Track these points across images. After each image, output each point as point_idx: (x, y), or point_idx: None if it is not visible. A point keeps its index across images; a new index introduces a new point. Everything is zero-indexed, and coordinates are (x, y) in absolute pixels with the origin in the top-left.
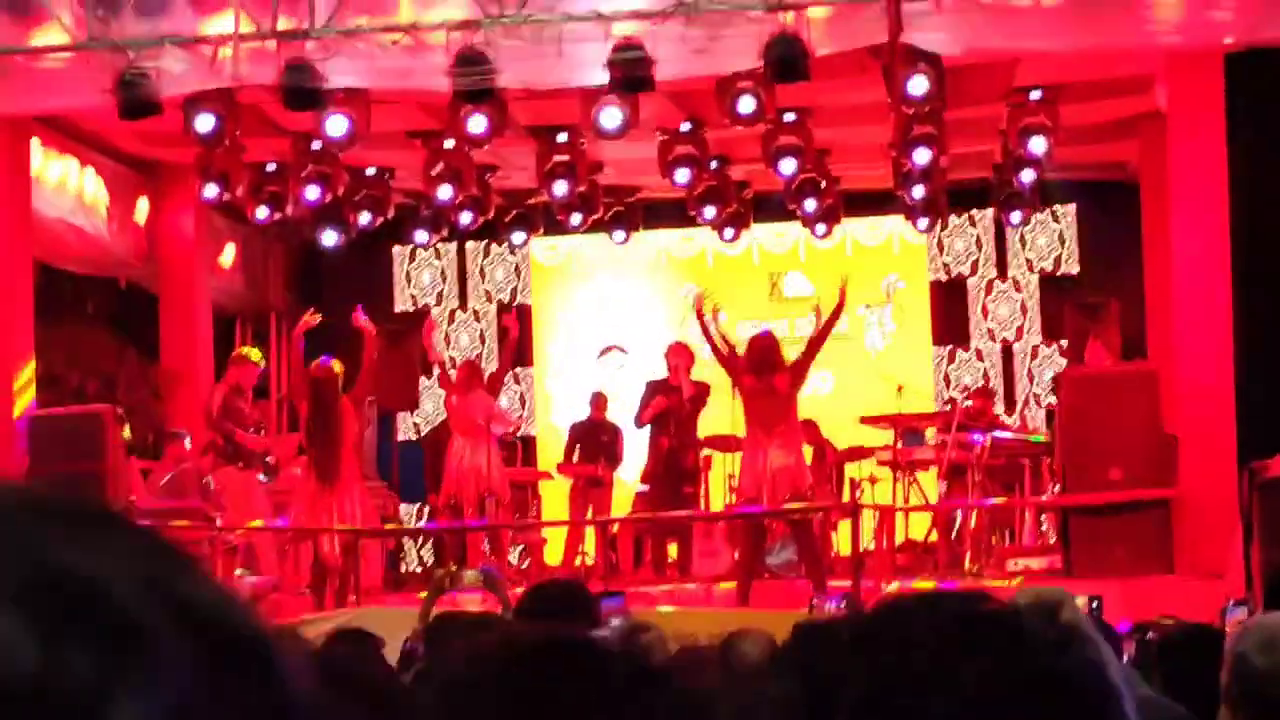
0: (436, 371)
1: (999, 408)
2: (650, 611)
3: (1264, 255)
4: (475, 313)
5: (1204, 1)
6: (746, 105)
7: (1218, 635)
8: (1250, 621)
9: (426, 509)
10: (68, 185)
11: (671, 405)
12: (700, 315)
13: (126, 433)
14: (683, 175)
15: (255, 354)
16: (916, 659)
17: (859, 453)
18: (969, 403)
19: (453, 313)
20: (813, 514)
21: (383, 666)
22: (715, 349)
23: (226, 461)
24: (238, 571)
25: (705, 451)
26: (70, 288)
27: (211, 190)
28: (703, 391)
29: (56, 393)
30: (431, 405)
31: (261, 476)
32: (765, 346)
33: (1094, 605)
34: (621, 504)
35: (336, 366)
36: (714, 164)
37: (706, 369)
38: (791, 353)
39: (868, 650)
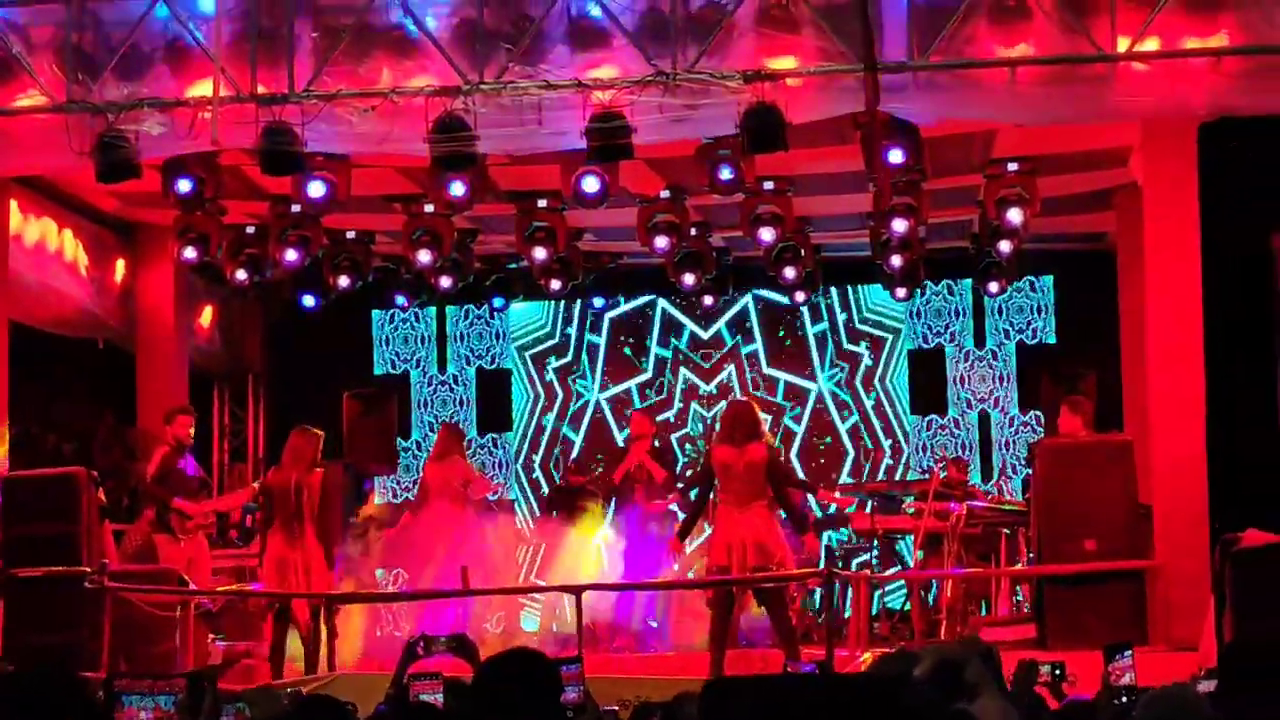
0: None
1: (975, 476)
2: (611, 679)
3: (1235, 327)
4: (454, 377)
5: (1176, 75)
6: (726, 173)
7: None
8: (1152, 694)
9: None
10: (46, 246)
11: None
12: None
13: (102, 495)
14: (662, 242)
15: (186, 408)
16: None
17: (837, 520)
18: (944, 472)
19: (431, 377)
20: (784, 583)
21: None
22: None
23: (160, 530)
24: (210, 636)
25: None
26: (47, 348)
27: (190, 252)
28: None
29: (32, 454)
30: (408, 469)
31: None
32: (742, 414)
33: (1055, 672)
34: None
35: (317, 431)
36: (694, 231)
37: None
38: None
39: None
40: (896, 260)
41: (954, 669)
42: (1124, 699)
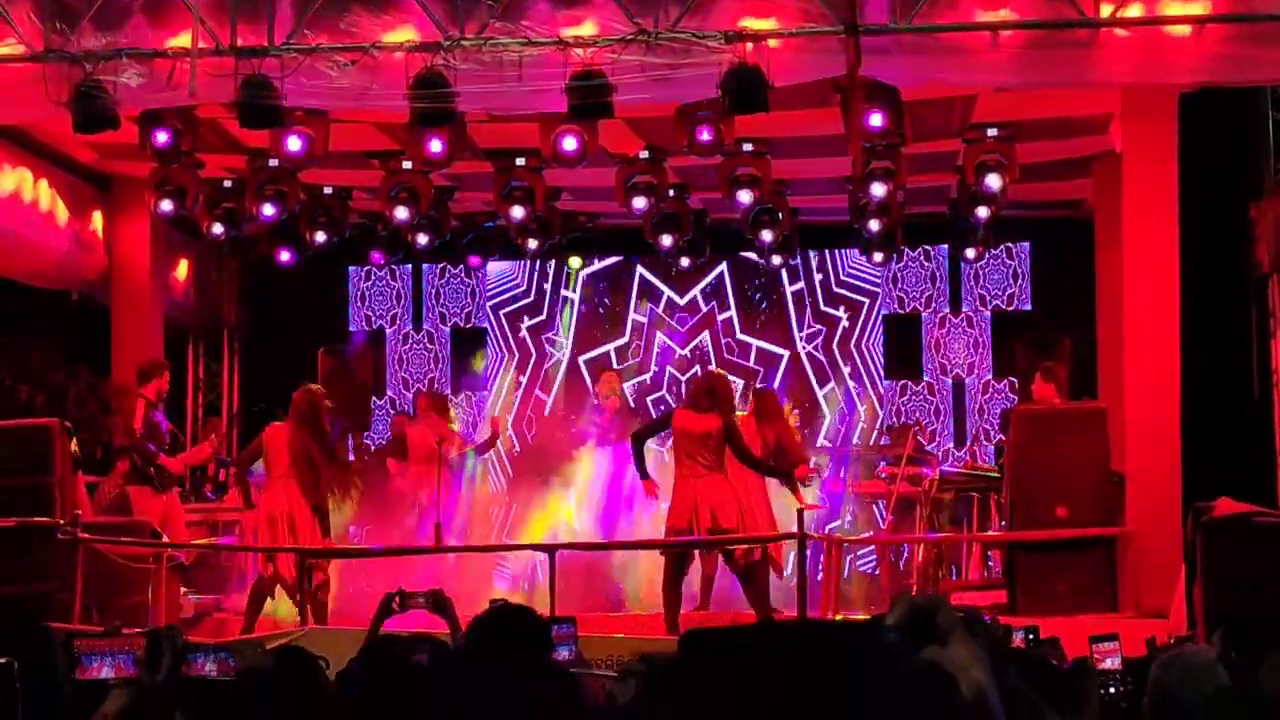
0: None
1: (949, 443)
2: (598, 638)
3: (1212, 296)
4: (429, 335)
5: (1158, 43)
6: (705, 135)
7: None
8: (1173, 653)
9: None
10: (21, 196)
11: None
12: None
13: (75, 446)
14: (640, 202)
15: (166, 362)
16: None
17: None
18: (886, 439)
19: (406, 334)
20: (754, 545)
21: (322, 685)
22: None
23: (138, 482)
24: (182, 590)
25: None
26: (21, 300)
27: (167, 205)
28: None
29: (4, 405)
30: (383, 426)
31: (210, 494)
32: (709, 384)
33: (1029, 638)
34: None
35: (317, 387)
36: (672, 192)
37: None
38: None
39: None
40: (874, 225)
41: (926, 615)
42: (1110, 687)
